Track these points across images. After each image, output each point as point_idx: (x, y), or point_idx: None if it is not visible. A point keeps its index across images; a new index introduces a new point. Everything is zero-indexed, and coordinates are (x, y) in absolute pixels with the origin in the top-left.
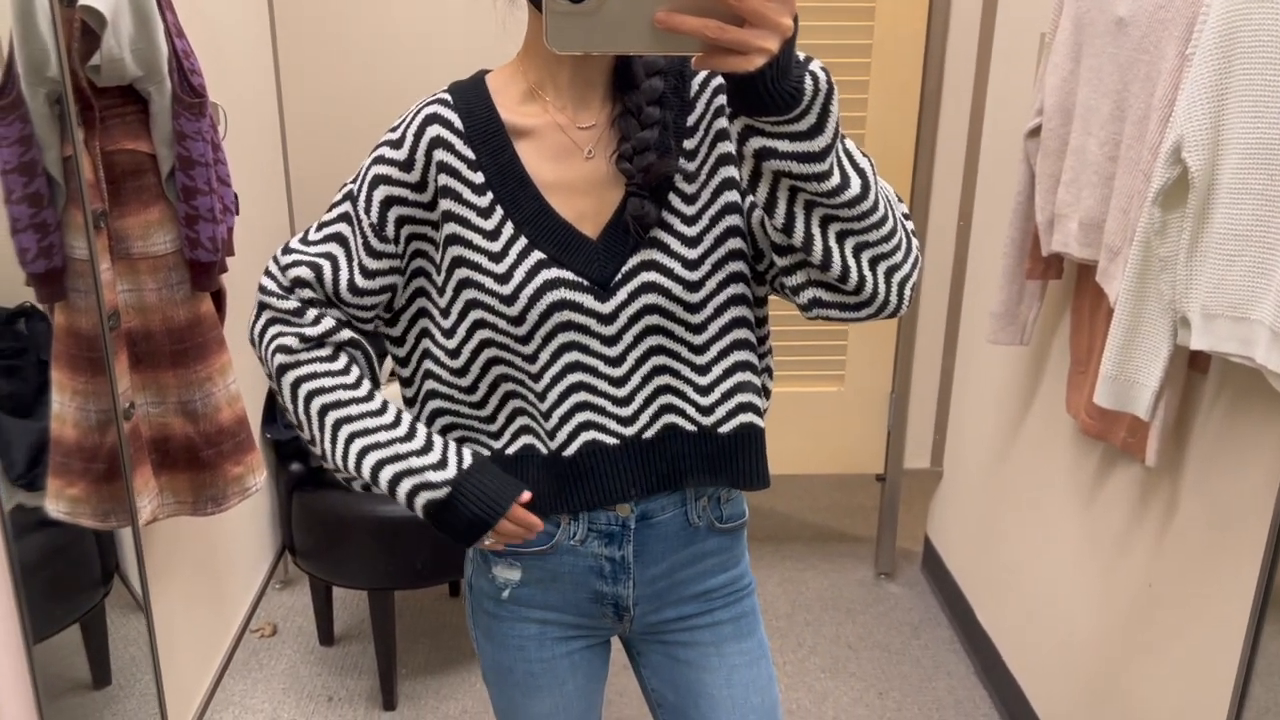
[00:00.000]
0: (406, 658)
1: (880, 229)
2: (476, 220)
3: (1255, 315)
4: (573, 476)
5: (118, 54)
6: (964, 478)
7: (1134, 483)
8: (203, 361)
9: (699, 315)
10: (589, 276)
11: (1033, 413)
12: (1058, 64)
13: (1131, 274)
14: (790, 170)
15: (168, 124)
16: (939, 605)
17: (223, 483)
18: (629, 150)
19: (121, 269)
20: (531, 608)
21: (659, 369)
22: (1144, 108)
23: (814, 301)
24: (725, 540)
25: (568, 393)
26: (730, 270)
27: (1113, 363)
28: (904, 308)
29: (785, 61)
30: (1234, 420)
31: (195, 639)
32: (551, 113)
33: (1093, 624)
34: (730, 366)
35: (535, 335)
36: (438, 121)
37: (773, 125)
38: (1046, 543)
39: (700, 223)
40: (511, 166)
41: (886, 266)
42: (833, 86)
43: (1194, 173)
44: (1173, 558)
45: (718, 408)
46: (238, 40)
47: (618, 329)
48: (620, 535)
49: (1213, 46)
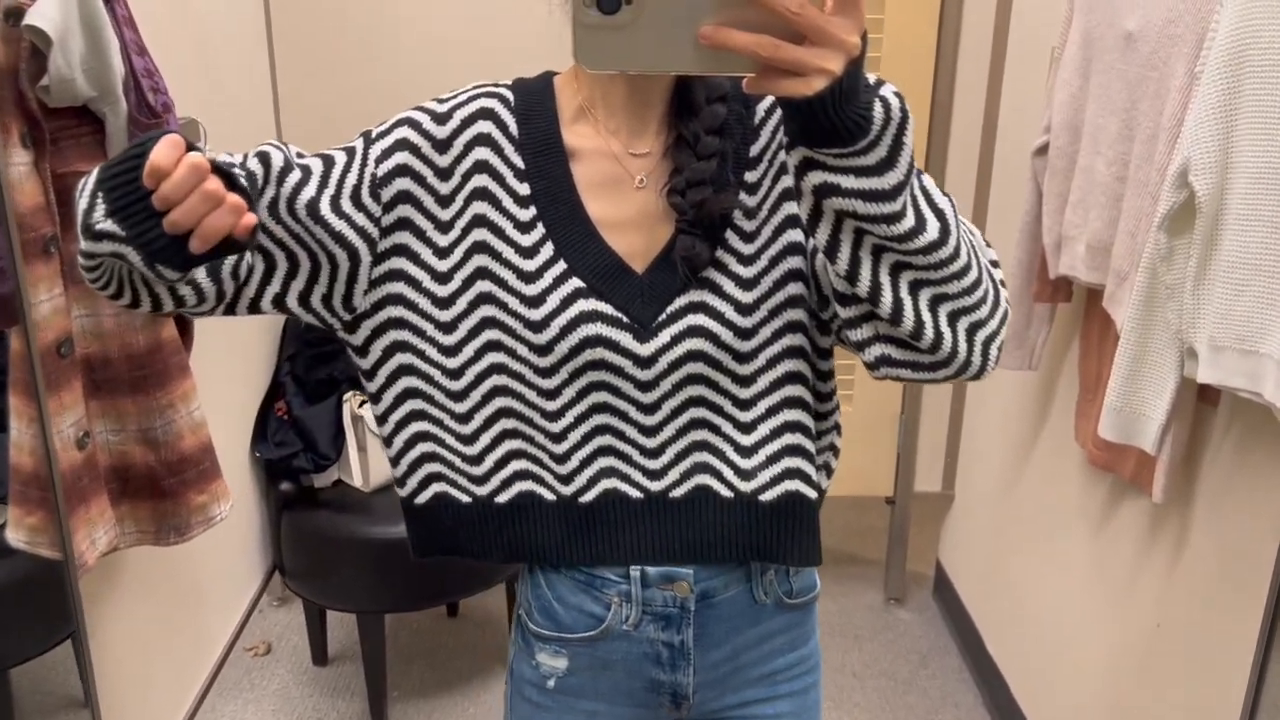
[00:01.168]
0: (400, 679)
1: (962, 279)
2: (512, 233)
3: (1264, 349)
4: (587, 525)
5: (68, 74)
6: (975, 503)
7: (1143, 517)
8: (163, 388)
9: (748, 366)
10: (629, 314)
11: (1042, 440)
12: (1066, 79)
13: (1137, 301)
14: (856, 210)
15: (124, 145)
16: (949, 633)
17: (185, 512)
18: (682, 183)
19: (77, 294)
20: (580, 698)
21: (696, 422)
22: (1153, 127)
23: (882, 359)
24: (795, 616)
25: (591, 435)
26: (788, 318)
27: (1117, 394)
28: (989, 369)
29: (851, 85)
30: (1244, 457)
31: (174, 659)
32: (603, 135)
33: (1100, 661)
34: (779, 426)
35: (561, 370)
36: (491, 119)
37: (836, 158)
38: (1055, 574)
39: (758, 263)
40: (563, 184)
41: (969, 322)
42: (907, 115)
43: (1201, 197)
44: (1181, 597)
45: (760, 472)
46: (233, 56)
47: (655, 374)
48: (679, 618)
49: (1221, 65)
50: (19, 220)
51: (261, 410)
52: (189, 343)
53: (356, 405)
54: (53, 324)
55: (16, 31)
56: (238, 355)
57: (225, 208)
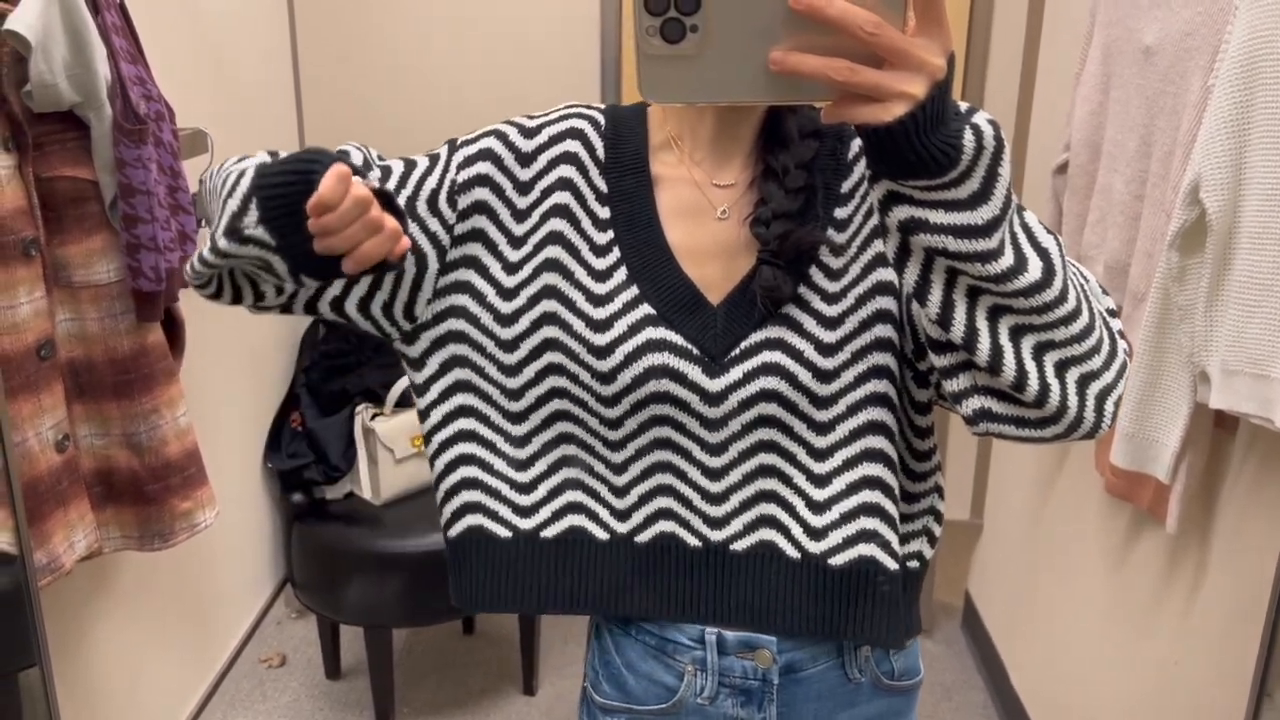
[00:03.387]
0: (411, 695)
1: (1070, 325)
2: (587, 255)
3: (1275, 373)
4: (642, 570)
5: (50, 80)
6: (1002, 532)
7: (1161, 549)
8: (148, 393)
9: (826, 413)
10: (700, 345)
11: (1066, 468)
12: (1086, 95)
13: (1150, 323)
14: (946, 248)
15: (108, 151)
16: (975, 666)
17: (169, 518)
18: (767, 214)
19: (62, 297)
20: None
21: (765, 470)
22: (1169, 143)
23: (982, 413)
24: (895, 702)
25: (651, 471)
26: (873, 362)
27: (1130, 419)
28: (1103, 427)
29: (936, 111)
30: (1262, 487)
31: (173, 667)
32: (688, 164)
33: (1117, 699)
34: (856, 482)
35: (624, 400)
36: (579, 139)
37: (923, 191)
38: (1077, 607)
39: (844, 302)
40: (644, 211)
41: (1080, 374)
42: (1002, 144)
43: (1212, 215)
44: (1198, 632)
45: (831, 532)
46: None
47: (724, 413)
48: (760, 693)
49: (1233, 78)
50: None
51: (276, 421)
52: (179, 351)
53: (369, 418)
54: (33, 326)
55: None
56: (254, 366)
57: (383, 235)
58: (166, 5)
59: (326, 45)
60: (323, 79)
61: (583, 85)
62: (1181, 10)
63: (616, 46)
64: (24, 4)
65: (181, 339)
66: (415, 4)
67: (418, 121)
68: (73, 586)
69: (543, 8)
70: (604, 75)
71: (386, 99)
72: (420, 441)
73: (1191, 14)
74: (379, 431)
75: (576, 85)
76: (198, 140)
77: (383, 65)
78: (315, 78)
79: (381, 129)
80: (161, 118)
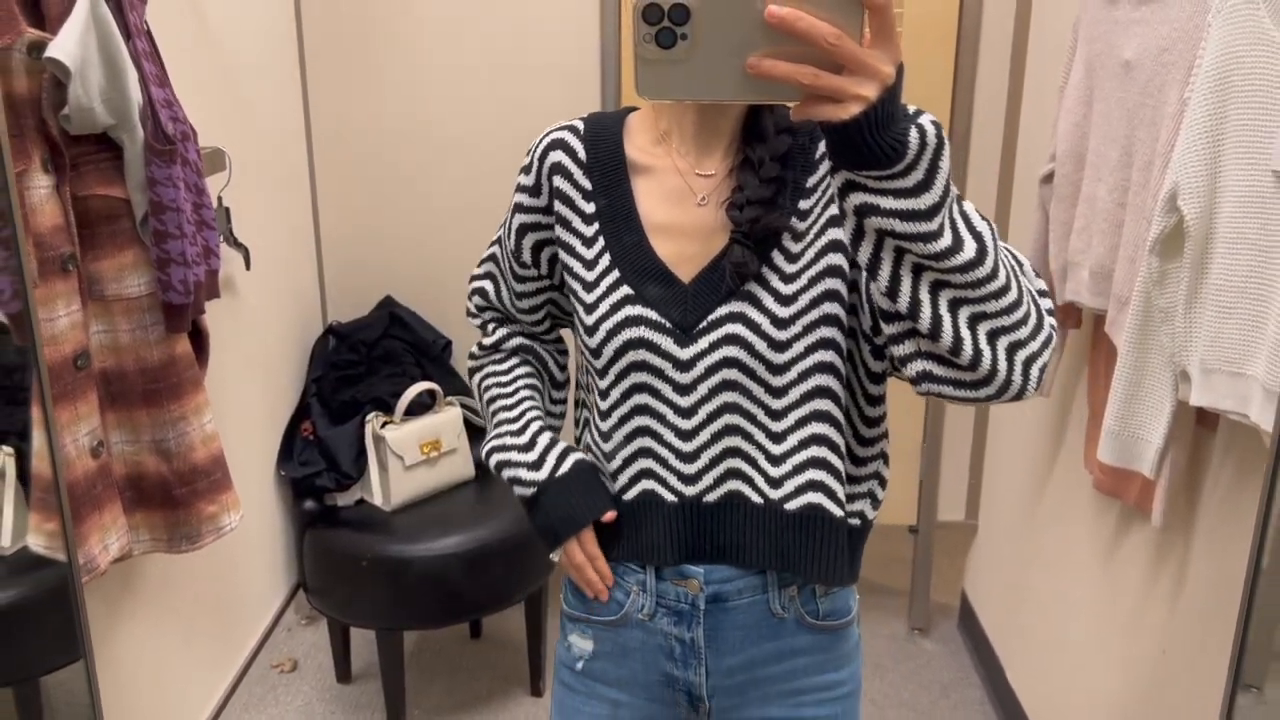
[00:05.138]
0: (421, 698)
1: (1000, 299)
2: (580, 248)
3: (1250, 370)
4: (629, 524)
5: (86, 104)
6: (996, 532)
7: (1148, 544)
8: (176, 401)
9: (781, 378)
10: (671, 319)
11: (1058, 467)
12: (1070, 108)
13: (1133, 325)
14: (894, 229)
15: (140, 170)
16: (972, 664)
17: (196, 521)
18: (742, 199)
19: (96, 310)
20: (605, 684)
21: (731, 429)
22: (1149, 153)
23: (923, 375)
24: (822, 639)
25: (633, 436)
26: (822, 335)
27: (1115, 417)
28: (1031, 390)
29: (886, 111)
30: (1243, 481)
31: (193, 671)
32: (674, 156)
33: (1110, 689)
34: (806, 438)
35: (609, 371)
36: (561, 148)
37: (875, 180)
38: (1070, 602)
39: (798, 281)
40: (622, 202)
41: (1009, 341)
42: (943, 140)
43: (1190, 221)
44: (1185, 622)
45: (786, 481)
46: (266, 90)
47: (693, 378)
48: (690, 615)
49: (1207, 90)
50: (39, 240)
51: (288, 431)
52: (204, 359)
53: (378, 426)
54: (70, 338)
55: (39, 64)
56: (266, 378)
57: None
58: (182, 29)
59: (333, 63)
60: (330, 95)
61: (583, 95)
62: (1159, 27)
63: (616, 56)
64: (64, 33)
65: (206, 349)
66: (418, 18)
67: (420, 133)
68: (99, 590)
69: (543, 23)
70: (604, 82)
71: (391, 113)
72: (428, 448)
73: (1168, 31)
74: (389, 439)
75: (576, 97)
76: (216, 158)
77: (388, 81)
78: (322, 94)
79: (386, 143)
80: (187, 138)
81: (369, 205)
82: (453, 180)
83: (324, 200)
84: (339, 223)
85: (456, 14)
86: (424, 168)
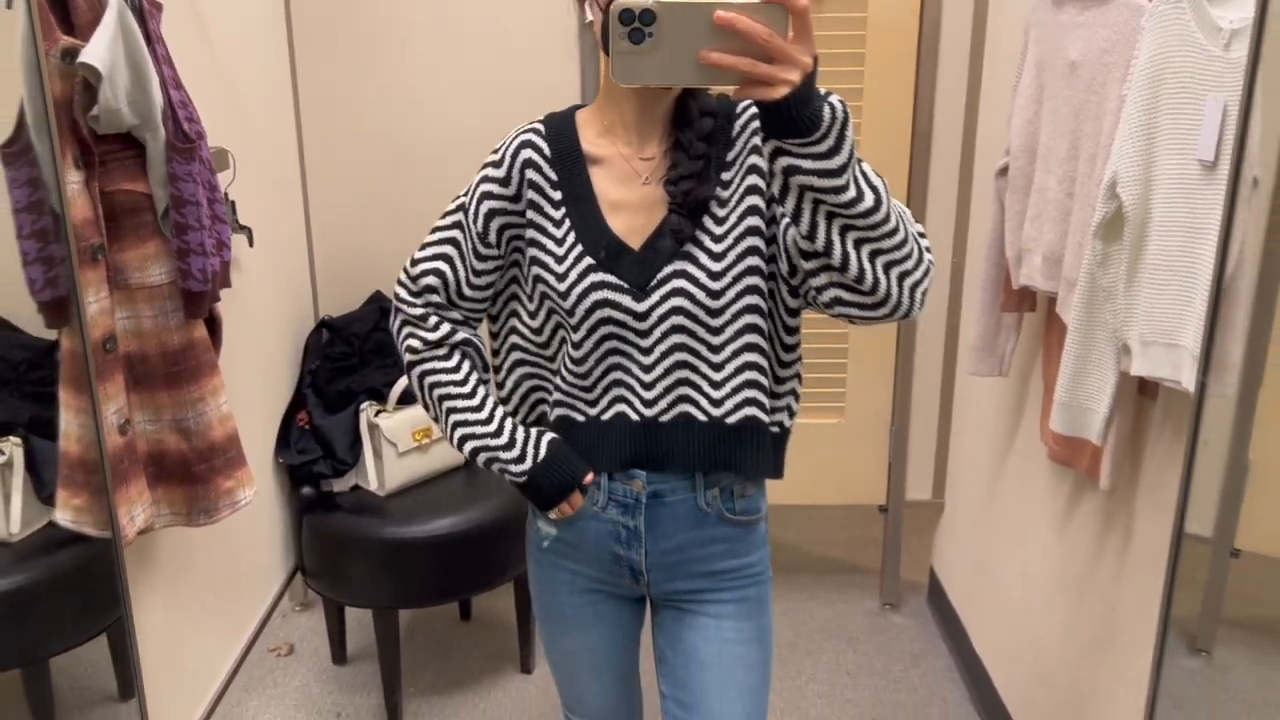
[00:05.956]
0: (415, 678)
1: (892, 238)
2: (551, 229)
3: (1182, 341)
4: (604, 439)
5: (114, 105)
6: (961, 509)
7: (1098, 509)
8: (195, 383)
9: (718, 320)
10: (629, 280)
11: (1016, 443)
12: (1022, 106)
13: (1079, 304)
14: (813, 184)
15: (162, 167)
16: (940, 635)
17: (214, 496)
18: (676, 175)
19: (120, 298)
20: (564, 559)
21: (680, 363)
22: (1094, 146)
23: (835, 300)
24: (737, 531)
25: (606, 371)
26: (747, 284)
27: (1065, 389)
28: (915, 309)
29: (806, 93)
30: (1180, 445)
31: (202, 654)
32: (619, 145)
33: (1066, 648)
34: (741, 365)
35: (582, 326)
36: (530, 147)
37: (797, 147)
38: (1029, 570)
39: (725, 241)
40: (583, 189)
41: (899, 271)
42: (848, 115)
43: (1128, 206)
44: (1131, 578)
45: (726, 401)
46: (258, 90)
47: (650, 325)
48: (634, 507)
49: (1141, 87)
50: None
51: (285, 420)
52: (218, 344)
53: (373, 415)
54: (99, 323)
55: (71, 68)
56: (263, 370)
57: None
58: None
59: (323, 62)
60: (320, 95)
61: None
62: (1100, 30)
63: (595, 58)
64: (95, 40)
65: (220, 335)
66: (408, 18)
67: (406, 130)
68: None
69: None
70: (584, 78)
71: (378, 114)
72: (420, 435)
73: (1108, 34)
74: (383, 427)
75: (560, 96)
76: (220, 157)
77: (374, 84)
78: (312, 94)
79: (373, 141)
80: (200, 137)
81: (358, 204)
82: (439, 180)
83: (314, 199)
84: (329, 221)
85: (445, 14)
86: (412, 168)
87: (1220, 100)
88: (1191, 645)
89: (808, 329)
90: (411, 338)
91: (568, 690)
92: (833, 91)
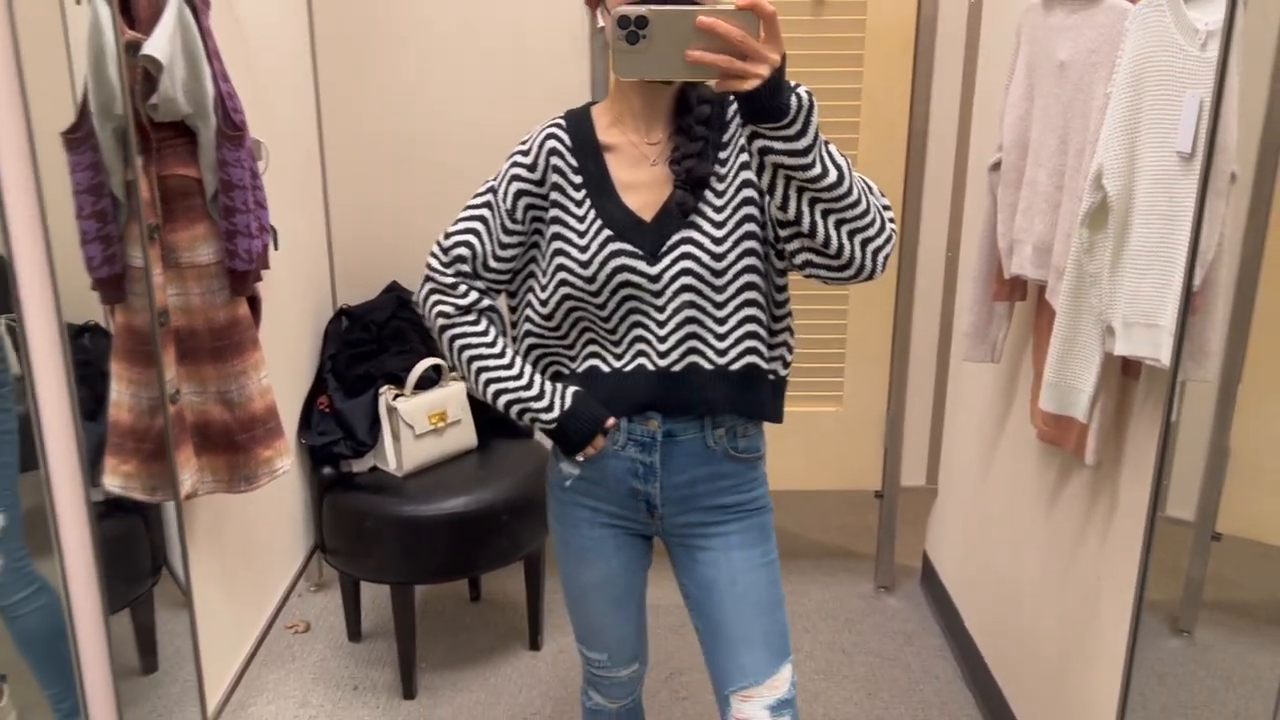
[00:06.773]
0: (427, 653)
1: (855, 209)
2: (573, 209)
3: (1162, 322)
4: (628, 386)
5: (172, 94)
6: (954, 493)
7: (1084, 485)
8: (239, 357)
9: (721, 280)
10: (642, 248)
11: (1008, 427)
12: (1014, 103)
13: (1067, 290)
14: (784, 163)
15: (212, 153)
16: (933, 616)
17: (254, 464)
18: (679, 156)
19: (171, 276)
20: (585, 496)
21: (689, 319)
22: (1082, 141)
23: (807, 263)
24: (739, 468)
25: (629, 329)
26: (745, 248)
27: (1054, 370)
28: (878, 272)
29: (775, 84)
30: (1160, 421)
31: (228, 628)
32: (629, 133)
33: (1053, 623)
34: (742, 319)
35: (604, 290)
36: (554, 139)
37: (770, 130)
38: (1019, 550)
39: (725, 212)
40: (601, 173)
41: (862, 238)
42: (813, 103)
43: (1112, 197)
44: (1115, 551)
45: (730, 350)
46: (283, 85)
47: (662, 286)
48: (651, 445)
49: (1125, 85)
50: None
51: (306, 403)
52: (258, 320)
53: (391, 398)
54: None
55: (133, 60)
56: (286, 355)
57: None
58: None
59: (343, 55)
60: (340, 90)
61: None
62: (1087, 31)
63: (604, 61)
64: (157, 33)
65: (259, 312)
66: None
67: (423, 128)
68: None
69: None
70: (594, 75)
71: (396, 112)
72: (436, 419)
73: (1095, 34)
74: (401, 410)
75: (572, 91)
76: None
77: (392, 84)
78: (333, 89)
79: (390, 139)
80: (244, 127)
81: (376, 199)
82: (455, 176)
83: (334, 193)
84: (348, 215)
85: (463, 9)
86: (428, 165)
87: (1197, 96)
88: (1174, 626)
89: (810, 325)
90: (441, 304)
91: (584, 625)
92: (800, 83)
